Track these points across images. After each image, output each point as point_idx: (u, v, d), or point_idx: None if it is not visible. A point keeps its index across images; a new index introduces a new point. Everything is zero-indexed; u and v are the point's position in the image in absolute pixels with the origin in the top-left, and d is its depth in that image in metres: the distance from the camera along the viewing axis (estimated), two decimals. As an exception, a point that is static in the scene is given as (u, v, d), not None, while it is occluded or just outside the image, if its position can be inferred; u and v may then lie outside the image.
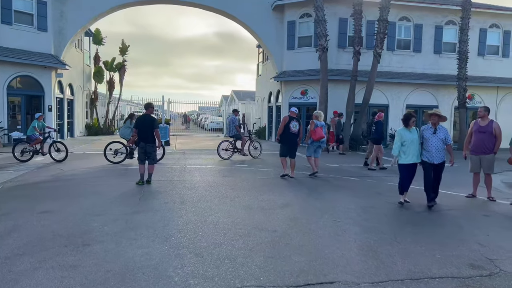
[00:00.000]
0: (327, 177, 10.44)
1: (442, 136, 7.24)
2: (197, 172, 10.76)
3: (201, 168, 11.57)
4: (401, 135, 7.36)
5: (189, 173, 10.64)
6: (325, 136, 10.89)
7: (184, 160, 13.40)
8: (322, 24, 17.91)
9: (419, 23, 20.40)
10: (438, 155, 7.23)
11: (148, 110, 9.16)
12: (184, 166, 11.99)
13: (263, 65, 26.51)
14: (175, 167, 11.74)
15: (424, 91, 20.61)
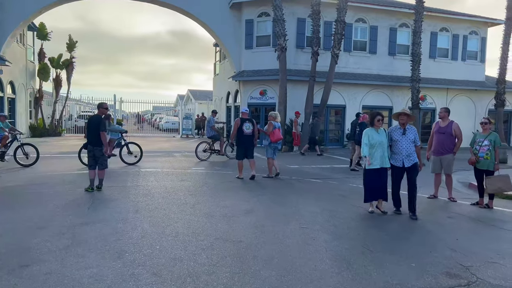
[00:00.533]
0: (290, 180, 10.16)
1: (412, 137, 6.65)
2: (153, 177, 10.12)
3: (157, 172, 10.91)
4: (368, 135, 6.68)
5: (144, 177, 9.97)
6: (282, 138, 10.76)
7: (140, 164, 12.63)
8: (281, 24, 17.71)
9: (374, 25, 20.77)
10: (409, 158, 6.64)
11: (99, 110, 8.46)
12: (139, 170, 11.27)
13: (220, 64, 26.00)
14: (129, 171, 10.99)
15: (380, 92, 21.02)
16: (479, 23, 22.46)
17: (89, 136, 8.25)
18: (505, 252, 4.99)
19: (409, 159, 6.66)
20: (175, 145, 20.16)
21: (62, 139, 21.94)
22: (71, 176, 10.00)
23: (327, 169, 12.50)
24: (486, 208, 7.47)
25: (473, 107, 22.60)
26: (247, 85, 20.30)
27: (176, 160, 13.88)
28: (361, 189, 8.88)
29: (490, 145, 7.47)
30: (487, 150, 7.51)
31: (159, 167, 11.96)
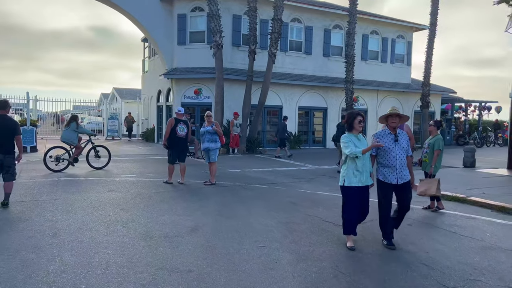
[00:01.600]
0: (233, 186, 9.33)
1: (405, 144, 5.15)
2: (74, 187, 8.69)
3: (79, 181, 9.45)
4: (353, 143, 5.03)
5: (63, 188, 8.51)
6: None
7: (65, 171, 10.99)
8: (216, 19, 16.80)
9: (309, 25, 20.68)
10: (402, 173, 5.09)
11: (6, 110, 7.01)
12: (57, 178, 9.70)
13: (150, 61, 24.38)
14: (44, 180, 9.40)
15: (315, 93, 20.99)
16: (405, 28, 23.46)
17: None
18: (481, 267, 4.61)
19: (402, 174, 5.09)
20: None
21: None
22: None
23: (270, 172, 11.87)
24: (437, 211, 7.27)
25: (401, 108, 23.48)
26: (181, 84, 19.09)
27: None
28: (311, 195, 8.42)
29: (429, 148, 7.36)
30: (425, 152, 7.45)
31: (82, 174, 10.46)
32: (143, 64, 26.71)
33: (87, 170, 11.19)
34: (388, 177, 5.12)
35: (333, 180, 10.71)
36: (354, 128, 5.10)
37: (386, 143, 5.10)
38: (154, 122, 22.85)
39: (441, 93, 24.46)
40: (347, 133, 5.18)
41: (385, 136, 5.18)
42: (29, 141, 15.84)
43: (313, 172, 12.16)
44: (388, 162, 5.11)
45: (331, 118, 21.44)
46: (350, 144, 4.98)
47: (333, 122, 21.36)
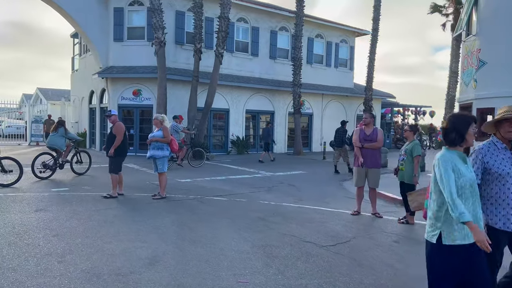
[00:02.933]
0: (188, 200, 8.19)
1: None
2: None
3: (1, 198, 7.76)
4: (453, 166, 2.80)
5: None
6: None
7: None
8: (159, 14, 15.45)
9: (256, 26, 19.99)
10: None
11: None
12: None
13: (81, 59, 22.15)
14: (-50, 199, 7.58)
15: (262, 96, 20.32)
16: (348, 32, 23.67)
17: None
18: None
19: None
20: (24, 157, 15.99)
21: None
22: None
23: (224, 182, 10.86)
24: (405, 224, 6.72)
25: (344, 113, 23.67)
26: (117, 83, 17.38)
27: (27, 177, 10.52)
28: (277, 208, 7.47)
29: (405, 155, 6.80)
30: (402, 160, 6.83)
31: (4, 190, 8.68)
32: (72, 62, 24.28)
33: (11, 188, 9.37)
34: (501, 218, 3.21)
35: (293, 188, 10.00)
36: (465, 141, 2.88)
37: (500, 164, 3.22)
38: (86, 125, 20.73)
39: (381, 97, 25.03)
40: (447, 149, 2.91)
41: (495, 152, 3.26)
42: None
43: (270, 180, 11.35)
44: (503, 196, 3.21)
45: (278, 122, 20.90)
46: (451, 180, 2.75)
47: (280, 126, 20.88)
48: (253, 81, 19.60)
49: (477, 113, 11.43)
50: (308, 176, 12.37)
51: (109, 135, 8.43)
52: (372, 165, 7.14)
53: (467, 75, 12.26)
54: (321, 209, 7.66)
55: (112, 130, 8.40)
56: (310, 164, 15.86)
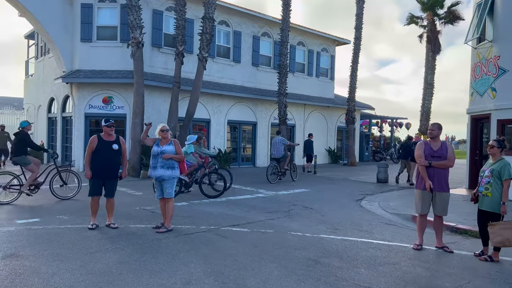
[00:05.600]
0: (201, 232, 6.48)
1: None
2: None
3: None
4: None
5: None
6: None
7: None
8: (136, 11, 13.63)
9: (238, 30, 18.56)
10: None
11: None
12: None
13: (37, 62, 19.57)
14: None
15: (244, 105, 18.83)
16: (329, 41, 22.84)
17: None
18: None
19: None
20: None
21: None
22: None
23: (228, 204, 9.20)
24: (489, 261, 5.48)
25: (325, 124, 22.71)
26: (84, 90, 15.20)
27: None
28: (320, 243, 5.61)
29: (491, 176, 5.53)
30: (487, 183, 5.52)
31: None
32: (26, 66, 21.56)
33: (-46, 215, 7.18)
34: None
35: (313, 212, 8.55)
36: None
37: None
38: (43, 138, 18.17)
39: (360, 108, 24.35)
40: None
41: None
42: None
43: (277, 201, 9.83)
44: None
45: (261, 134, 19.48)
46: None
47: (263, 137, 19.47)
48: (235, 90, 18.08)
49: (497, 124, 10.63)
50: (315, 195, 10.98)
51: (112, 151, 6.59)
52: (440, 188, 5.82)
53: (482, 84, 11.49)
54: (372, 242, 6.26)
55: (118, 144, 6.71)
56: (307, 180, 14.48)
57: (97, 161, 6.51)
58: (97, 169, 6.50)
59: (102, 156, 6.52)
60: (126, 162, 7.02)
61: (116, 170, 6.73)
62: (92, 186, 6.56)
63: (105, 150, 6.54)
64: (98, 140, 6.59)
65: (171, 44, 16.02)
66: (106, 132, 6.69)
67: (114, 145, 6.65)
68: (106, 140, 6.63)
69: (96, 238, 5.92)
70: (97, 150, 6.52)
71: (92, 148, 6.53)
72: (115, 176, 6.73)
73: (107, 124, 6.70)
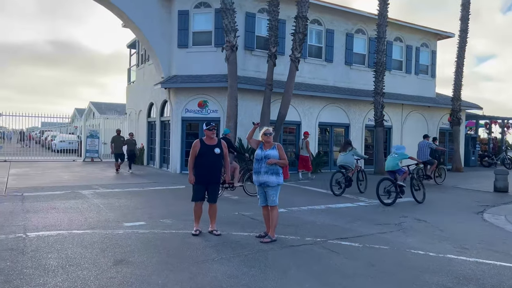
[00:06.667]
0: (308, 244, 5.96)
1: None
2: (55, 258, 5.11)
3: (60, 241, 5.85)
4: None
5: (35, 260, 4.93)
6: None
7: (23, 217, 7.33)
8: (231, 15, 13.64)
9: (330, 28, 17.80)
10: None
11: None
12: (24, 235, 6.07)
13: (138, 70, 20.82)
14: (2, 240, 5.77)
15: (336, 106, 17.99)
16: (429, 35, 20.97)
17: None
18: None
19: None
20: (80, 175, 14.55)
21: None
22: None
23: (328, 213, 8.58)
24: None
25: (425, 125, 20.85)
26: (181, 94, 15.68)
27: (90, 204, 8.76)
28: (450, 266, 4.61)
29: None
30: None
31: (62, 224, 6.85)
32: (128, 74, 23.10)
33: (69, 218, 7.57)
34: None
35: (429, 226, 7.55)
36: None
37: None
38: (143, 141, 19.21)
39: (466, 108, 21.97)
40: None
41: None
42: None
43: (384, 212, 8.95)
44: None
45: (354, 136, 18.44)
46: None
47: (356, 140, 18.37)
48: (327, 90, 17.35)
49: None
50: (426, 206, 9.83)
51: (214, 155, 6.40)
52: None
53: None
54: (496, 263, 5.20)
55: (220, 147, 6.49)
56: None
57: (200, 166, 6.35)
58: (200, 174, 6.34)
59: (205, 160, 6.35)
60: (229, 166, 6.78)
61: (219, 174, 6.52)
62: (196, 191, 6.41)
63: (207, 155, 6.36)
64: (200, 144, 6.43)
65: (263, 47, 15.83)
66: (208, 135, 6.52)
67: (216, 149, 6.45)
68: (209, 144, 6.46)
69: (201, 246, 5.71)
70: (200, 155, 6.36)
71: (196, 152, 6.38)
72: (218, 181, 6.53)
73: (208, 128, 6.52)
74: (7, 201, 8.80)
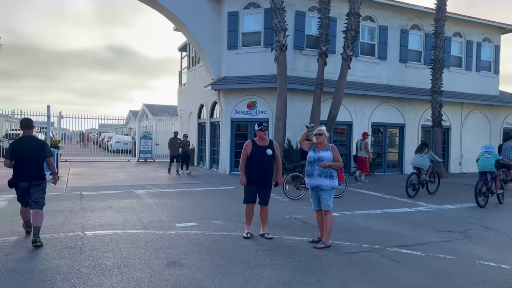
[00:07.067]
0: (365, 252, 5.64)
1: None
2: (110, 257, 5.18)
3: (115, 240, 5.95)
4: None
5: (91, 259, 5.02)
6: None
7: (81, 215, 7.58)
8: (280, 14, 13.44)
9: (384, 25, 17.11)
10: None
11: (30, 129, 5.93)
12: (81, 234, 6.24)
13: (189, 72, 21.22)
14: (61, 238, 5.95)
15: (390, 106, 17.26)
16: (492, 29, 19.59)
17: (25, 168, 5.71)
18: None
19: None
20: (134, 175, 15.02)
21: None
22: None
23: (384, 218, 8.15)
24: None
25: (488, 125, 19.52)
26: (230, 95, 15.73)
27: (143, 204, 8.93)
28: None
29: None
30: None
31: (117, 224, 6.98)
32: (179, 76, 23.62)
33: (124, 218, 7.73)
34: None
35: (498, 235, 6.91)
36: None
37: None
38: (193, 142, 19.51)
39: (534, 106, 20.27)
40: None
41: None
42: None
43: (445, 218, 8.35)
44: None
45: (409, 137, 17.61)
46: None
47: (411, 141, 17.52)
48: (381, 89, 16.68)
49: None
50: (492, 212, 9.10)
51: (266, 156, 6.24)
52: None
53: None
54: None
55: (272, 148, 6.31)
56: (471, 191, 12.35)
57: (252, 167, 6.22)
58: (252, 175, 6.21)
59: (257, 162, 6.20)
60: (281, 167, 6.58)
61: (271, 176, 6.35)
62: (247, 193, 6.28)
63: (259, 156, 6.21)
64: (252, 145, 6.29)
65: (312, 45, 15.51)
66: (259, 136, 6.36)
67: (268, 150, 6.29)
68: (260, 145, 6.30)
69: (253, 250, 5.57)
70: (252, 156, 6.23)
71: (247, 153, 6.26)
72: (270, 183, 6.36)
73: (260, 128, 6.35)
74: (67, 200, 9.18)
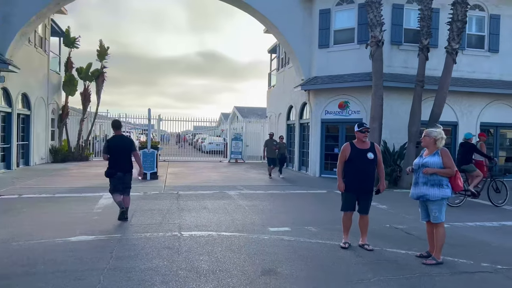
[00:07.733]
0: (485, 272, 4.88)
1: None
2: (206, 258, 5.15)
3: (210, 242, 5.93)
4: None
5: (188, 261, 5.03)
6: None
7: (178, 215, 7.79)
8: (377, 8, 12.66)
9: (495, 13, 15.25)
10: None
11: (120, 129, 7.45)
12: (178, 234, 6.36)
13: (278, 73, 21.18)
14: (160, 237, 6.11)
15: (503, 104, 15.32)
16: None
17: (119, 161, 7.11)
18: None
19: None
20: (226, 175, 15.33)
21: (88, 165, 17.72)
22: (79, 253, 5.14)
23: (507, 232, 7.11)
24: None
25: None
26: (321, 96, 15.27)
27: (236, 206, 8.94)
28: None
29: None
30: None
31: (211, 225, 7.02)
32: (269, 78, 23.75)
33: (218, 219, 7.77)
34: None
35: None
36: None
37: None
38: (283, 143, 19.37)
39: None
40: None
41: None
42: (149, 167, 13.40)
43: None
44: None
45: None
46: None
47: (530, 144, 15.34)
48: (492, 85, 14.87)
49: None
50: None
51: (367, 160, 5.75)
52: None
53: None
54: None
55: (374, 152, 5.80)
56: None
57: (350, 172, 5.77)
58: (350, 181, 5.76)
59: (356, 166, 5.73)
60: (383, 172, 6.01)
61: (372, 182, 5.83)
62: (345, 200, 5.85)
63: (359, 160, 5.73)
64: (351, 148, 5.83)
65: (411, 40, 14.38)
66: (359, 138, 5.87)
67: (369, 153, 5.77)
68: (360, 148, 5.81)
69: (352, 262, 5.14)
70: (350, 160, 5.77)
71: (345, 157, 5.82)
72: (371, 190, 5.84)
73: (360, 129, 5.85)
74: (165, 199, 9.58)
